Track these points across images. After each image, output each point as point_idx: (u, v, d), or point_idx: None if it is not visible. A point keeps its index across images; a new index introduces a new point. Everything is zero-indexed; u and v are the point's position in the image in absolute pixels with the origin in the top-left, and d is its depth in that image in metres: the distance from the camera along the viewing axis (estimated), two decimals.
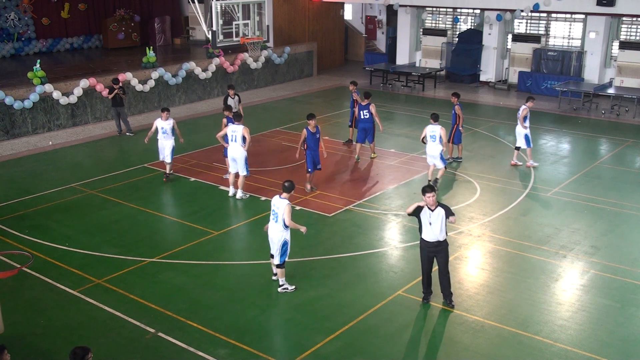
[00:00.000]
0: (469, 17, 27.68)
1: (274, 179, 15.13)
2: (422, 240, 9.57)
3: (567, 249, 11.70)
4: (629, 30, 24.19)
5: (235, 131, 13.70)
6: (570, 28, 25.29)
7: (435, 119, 14.39)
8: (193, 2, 23.18)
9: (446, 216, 9.35)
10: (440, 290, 9.83)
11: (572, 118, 21.59)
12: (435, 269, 9.81)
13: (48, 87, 19.43)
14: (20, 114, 19.03)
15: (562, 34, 25.54)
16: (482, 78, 26.96)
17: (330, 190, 14.67)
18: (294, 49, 27.76)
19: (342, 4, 31.43)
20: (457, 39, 27.66)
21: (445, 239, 9.54)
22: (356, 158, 16.83)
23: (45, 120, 19.65)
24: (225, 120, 14.59)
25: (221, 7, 21.31)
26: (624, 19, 23.89)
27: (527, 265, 11.13)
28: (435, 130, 14.21)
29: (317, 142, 14.11)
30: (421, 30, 28.76)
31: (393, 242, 12.09)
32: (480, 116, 21.65)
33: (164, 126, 14.88)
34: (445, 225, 9.43)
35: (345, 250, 11.69)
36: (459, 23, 27.79)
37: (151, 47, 22.99)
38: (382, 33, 32.65)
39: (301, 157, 15.07)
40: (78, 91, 20.04)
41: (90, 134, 19.58)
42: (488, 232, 12.48)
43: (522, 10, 23.85)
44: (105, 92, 20.27)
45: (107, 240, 12.13)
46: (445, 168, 14.60)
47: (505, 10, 24.91)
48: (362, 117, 16.42)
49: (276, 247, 10.02)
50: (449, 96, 16.39)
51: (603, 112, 22.11)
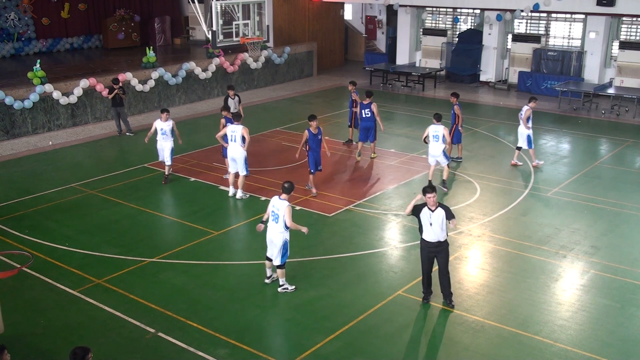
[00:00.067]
0: (469, 17, 27.68)
1: (274, 179, 15.13)
2: (423, 240, 9.58)
3: (567, 249, 11.71)
4: (629, 30, 24.19)
5: (235, 131, 13.70)
6: (570, 28, 25.28)
7: (438, 119, 14.38)
8: (193, 2, 23.18)
9: (447, 218, 9.36)
10: (440, 290, 9.83)
11: (572, 118, 21.59)
12: (435, 269, 9.81)
13: (48, 87, 19.42)
14: (20, 114, 19.03)
15: (562, 34, 25.53)
16: (482, 78, 26.95)
17: (330, 190, 14.67)
18: (294, 49, 27.75)
19: (342, 4, 31.42)
20: (457, 39, 27.65)
21: (446, 239, 9.55)
22: (357, 154, 16.81)
23: (45, 120, 19.64)
24: (224, 120, 14.62)
25: (221, 7, 21.31)
26: (624, 19, 23.88)
27: (527, 265, 11.13)
28: (438, 130, 14.21)
29: (318, 143, 14.03)
30: (421, 30, 28.76)
31: (393, 242, 12.09)
32: (480, 116, 21.65)
33: (164, 127, 14.86)
34: (446, 225, 9.44)
35: (345, 250, 11.69)
36: (459, 23, 27.78)
37: (151, 47, 22.98)
38: (382, 33, 32.64)
39: (301, 157, 15.07)
40: (78, 91, 20.04)
41: (90, 134, 19.58)
42: (488, 232, 12.48)
43: (522, 10, 23.85)
44: (105, 92, 20.27)
45: (107, 240, 12.14)
46: (448, 166, 14.59)
47: (505, 10, 24.91)
48: (363, 115, 16.40)
49: (276, 249, 9.98)
50: (449, 96, 16.39)
51: (603, 112, 22.11)
